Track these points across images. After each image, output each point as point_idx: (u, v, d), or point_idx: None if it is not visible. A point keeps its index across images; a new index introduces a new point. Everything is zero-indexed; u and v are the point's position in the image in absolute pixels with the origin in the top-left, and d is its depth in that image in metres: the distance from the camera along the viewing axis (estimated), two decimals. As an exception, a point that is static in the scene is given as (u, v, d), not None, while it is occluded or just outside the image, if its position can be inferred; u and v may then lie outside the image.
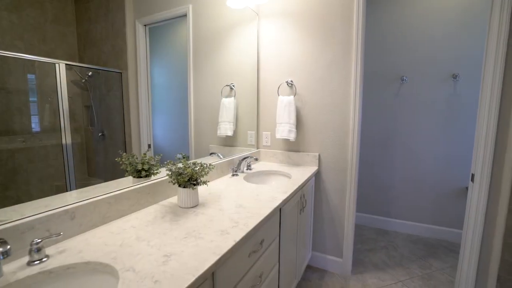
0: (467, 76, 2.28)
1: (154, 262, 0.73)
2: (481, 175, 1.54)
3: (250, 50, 2.07)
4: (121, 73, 1.12)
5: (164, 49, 1.37)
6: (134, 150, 1.18)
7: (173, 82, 1.45)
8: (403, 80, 2.50)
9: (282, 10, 2.00)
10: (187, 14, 1.52)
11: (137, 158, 1.20)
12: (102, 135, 1.06)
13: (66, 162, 0.93)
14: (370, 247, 2.39)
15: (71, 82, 0.94)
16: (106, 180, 1.07)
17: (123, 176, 1.12)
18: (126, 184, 1.10)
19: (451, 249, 2.33)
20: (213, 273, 0.77)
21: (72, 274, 0.73)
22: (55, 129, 0.90)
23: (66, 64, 0.92)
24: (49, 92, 0.88)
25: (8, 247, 0.63)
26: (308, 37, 1.93)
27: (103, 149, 1.07)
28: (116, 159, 1.10)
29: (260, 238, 1.06)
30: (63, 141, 0.92)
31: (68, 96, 0.93)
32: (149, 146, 1.27)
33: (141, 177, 1.20)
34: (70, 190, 0.94)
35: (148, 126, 1.25)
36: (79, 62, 0.97)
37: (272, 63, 2.09)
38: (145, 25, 1.22)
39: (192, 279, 0.66)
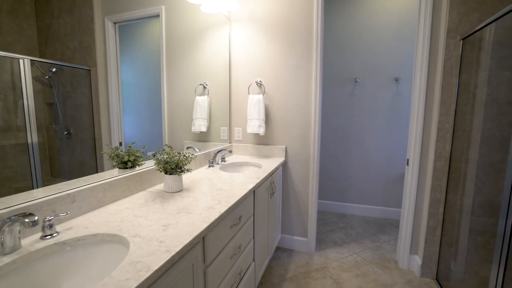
0: (406, 79, 2.71)
1: (155, 230, 0.89)
2: (413, 159, 1.92)
3: (223, 51, 2.24)
4: (89, 70, 1.10)
5: (136, 48, 1.38)
6: (104, 148, 1.18)
7: (145, 80, 1.46)
8: (356, 82, 2.88)
9: (251, 17, 2.21)
10: (160, 15, 1.56)
11: (121, 151, 1.30)
12: (68, 133, 1.03)
13: (32, 162, 0.90)
14: (331, 228, 2.72)
15: (32, 79, 0.90)
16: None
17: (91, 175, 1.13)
18: (113, 175, 1.21)
19: (396, 226, 2.76)
20: (203, 238, 0.96)
21: (83, 245, 0.86)
22: (19, 128, 0.87)
23: (30, 59, 0.89)
24: (6, 89, 0.84)
25: (36, 218, 0.75)
26: (275, 42, 2.17)
27: (69, 148, 1.04)
28: (102, 152, 1.16)
29: (239, 214, 1.26)
30: (29, 140, 0.89)
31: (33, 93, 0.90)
32: (120, 144, 1.28)
33: (126, 168, 1.32)
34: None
35: (119, 124, 1.26)
36: (40, 57, 0.92)
37: (243, 64, 2.29)
38: (115, 23, 1.21)
39: (190, 238, 0.83)
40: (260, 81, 2.24)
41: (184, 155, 1.34)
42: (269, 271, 2.00)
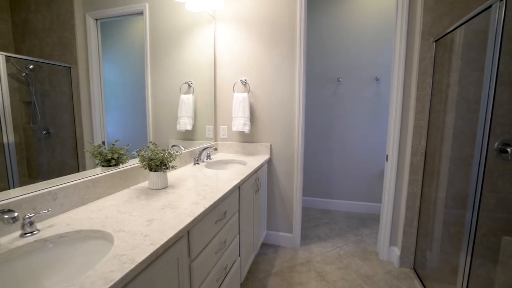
0: (386, 79, 2.82)
1: (140, 225, 0.89)
2: (392, 155, 2.01)
3: (208, 50, 2.24)
4: (70, 67, 1.07)
5: (119, 45, 1.36)
6: (86, 146, 1.16)
7: (129, 78, 1.44)
8: (339, 81, 2.96)
9: (236, 16, 2.23)
10: (144, 12, 1.54)
11: (104, 148, 1.29)
12: (47, 133, 1.00)
13: (8, 163, 0.88)
14: (316, 224, 2.79)
15: (8, 76, 0.87)
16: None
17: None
18: (97, 173, 1.19)
19: (378, 220, 2.86)
20: (188, 232, 0.97)
21: (65, 241, 0.85)
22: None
23: (6, 55, 0.85)
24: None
25: (16, 214, 0.74)
26: (259, 41, 2.20)
27: (48, 148, 1.00)
28: (84, 150, 1.14)
29: (224, 209, 1.28)
30: (4, 140, 0.86)
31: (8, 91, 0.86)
32: (103, 143, 1.26)
33: (110, 166, 1.31)
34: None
35: (101, 123, 1.23)
36: (16, 53, 0.89)
37: (228, 63, 2.30)
38: (96, 19, 1.19)
39: (174, 232, 0.85)
40: (245, 80, 2.26)
41: (169, 152, 1.35)
42: (255, 267, 2.03)
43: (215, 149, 2.10)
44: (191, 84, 2.08)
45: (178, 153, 1.38)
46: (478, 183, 1.26)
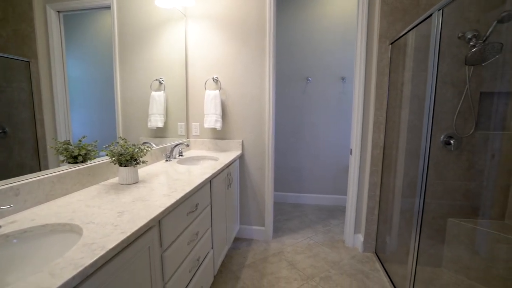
0: (351, 78, 3.00)
1: (110, 217, 0.90)
2: (355, 149, 2.16)
3: (179, 47, 2.24)
4: (28, 62, 1.01)
5: (85, 40, 1.31)
6: (50, 143, 1.11)
7: (96, 75, 1.40)
8: (308, 80, 3.10)
9: (207, 14, 2.25)
10: (111, 7, 1.50)
11: (71, 145, 1.26)
12: (3, 132, 0.95)
13: None
14: (287, 217, 2.90)
15: None
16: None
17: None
18: (62, 169, 1.17)
19: (345, 211, 3.03)
20: (160, 222, 1.00)
21: (30, 236, 0.84)
22: None
23: None
24: None
25: None
26: (230, 40, 2.24)
27: (4, 149, 0.95)
28: (49, 146, 1.10)
29: (195, 202, 1.32)
30: None
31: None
32: (68, 142, 1.22)
33: (77, 163, 1.28)
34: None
35: (66, 122, 1.19)
36: None
37: (199, 61, 2.32)
38: (58, 12, 1.13)
39: (145, 221, 0.87)
40: (217, 77, 2.30)
41: (139, 147, 1.35)
42: (229, 260, 2.08)
43: (187, 146, 2.12)
44: (162, 81, 2.07)
45: (149, 148, 1.38)
46: (424, 172, 1.42)
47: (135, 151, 1.30)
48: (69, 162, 1.24)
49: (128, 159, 1.27)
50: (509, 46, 1.68)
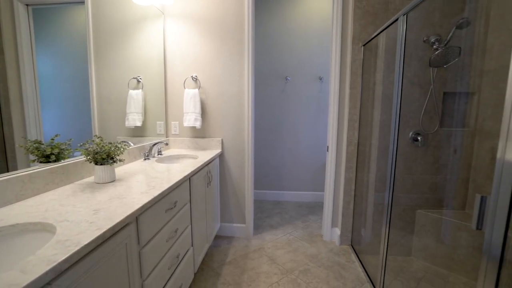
0: (328, 78, 3.11)
1: (85, 215, 0.90)
2: (331, 146, 2.25)
3: (157, 45, 2.22)
4: None
5: (57, 36, 1.26)
6: (17, 148, 1.06)
7: (70, 72, 1.36)
8: (287, 80, 3.17)
9: (185, 12, 2.25)
10: (85, 1, 1.46)
11: (43, 143, 1.22)
12: None
13: None
14: (268, 214, 2.95)
15: None
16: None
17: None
18: (33, 168, 1.14)
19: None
20: (137, 219, 1.00)
21: (-1, 236, 0.82)
22: None
23: None
24: None
25: None
26: (209, 39, 2.25)
27: None
28: (18, 145, 1.06)
29: (174, 199, 1.33)
30: None
31: None
32: (40, 142, 1.17)
33: (49, 162, 1.25)
34: None
35: (36, 121, 1.14)
36: None
37: (178, 59, 2.31)
38: (27, 5, 1.08)
39: (121, 218, 0.88)
40: (196, 76, 2.30)
41: (116, 145, 1.34)
42: (210, 258, 2.09)
43: (166, 144, 2.10)
44: (140, 80, 2.04)
45: (126, 146, 1.37)
46: (392, 167, 1.51)
47: (112, 149, 1.29)
48: (41, 162, 1.21)
49: (104, 157, 1.25)
50: (467, 50, 1.83)
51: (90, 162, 1.26)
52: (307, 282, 1.80)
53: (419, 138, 2.03)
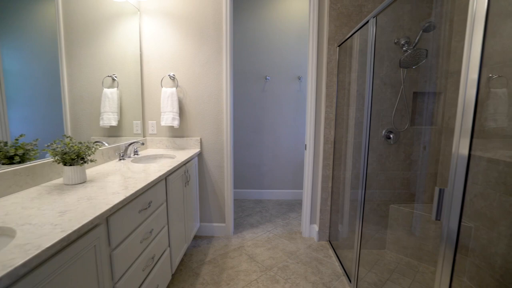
0: (306, 78, 3.16)
1: (50, 217, 0.86)
2: (309, 144, 2.29)
3: (133, 43, 2.16)
4: None
5: (24, 31, 1.21)
6: None
7: (39, 69, 1.30)
8: (266, 79, 3.19)
9: (162, 10, 2.21)
10: None
11: (6, 144, 1.16)
12: None
13: None
14: (248, 213, 2.96)
15: None
16: None
17: None
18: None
19: (303, 204, 3.20)
20: (107, 220, 0.98)
21: (-47, 242, 0.77)
22: None
23: None
24: None
25: None
26: (186, 37, 2.23)
27: None
28: None
29: (148, 199, 1.30)
30: None
31: None
32: (5, 144, 1.12)
33: (13, 163, 1.19)
34: None
35: (2, 120, 1.10)
36: None
37: (155, 58, 2.27)
38: None
39: (89, 218, 0.85)
40: (173, 75, 2.26)
41: (87, 145, 1.29)
42: (189, 258, 2.07)
43: (142, 144, 2.06)
44: (115, 78, 1.99)
45: (98, 146, 1.33)
46: (365, 164, 1.57)
47: (82, 149, 1.24)
48: (3, 163, 1.15)
49: (74, 157, 1.21)
50: (434, 52, 1.93)
51: (59, 163, 1.21)
52: (285, 278, 1.83)
53: (391, 135, 2.11)
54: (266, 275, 1.87)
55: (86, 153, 1.26)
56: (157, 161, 2.08)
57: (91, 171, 1.50)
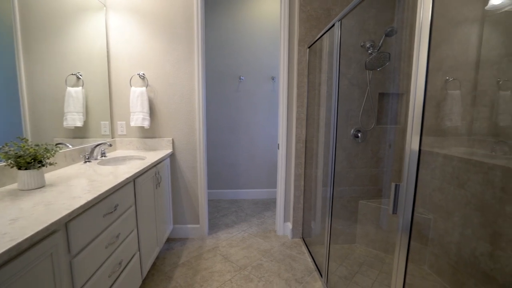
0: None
1: (-1, 225, 0.81)
2: (282, 144, 2.33)
3: (100, 40, 2.07)
4: None
5: None
6: None
7: None
8: (240, 79, 3.20)
9: (130, 6, 2.13)
10: None
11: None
12: None
13: None
14: (224, 213, 2.95)
15: None
16: None
17: None
18: None
19: (279, 203, 3.25)
20: (66, 226, 0.93)
21: None
22: None
23: None
24: None
25: None
26: (157, 35, 2.17)
27: None
28: None
29: (114, 202, 1.26)
30: None
31: None
32: None
33: (-40, 168, 1.10)
34: None
35: None
36: None
37: (123, 56, 2.19)
38: None
39: (45, 225, 0.81)
40: (143, 74, 2.20)
41: (46, 148, 1.22)
42: (161, 261, 2.02)
43: (110, 145, 1.98)
44: (80, 76, 1.89)
45: (59, 148, 1.26)
46: (332, 162, 1.63)
47: (39, 152, 1.17)
48: None
49: (30, 161, 1.13)
50: (397, 55, 2.04)
51: (12, 167, 1.13)
52: (259, 277, 1.85)
53: (359, 134, 2.21)
54: (240, 274, 1.88)
55: (45, 156, 1.19)
56: (126, 163, 2.01)
57: (51, 175, 1.42)
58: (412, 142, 0.86)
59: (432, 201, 1.86)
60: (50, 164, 1.23)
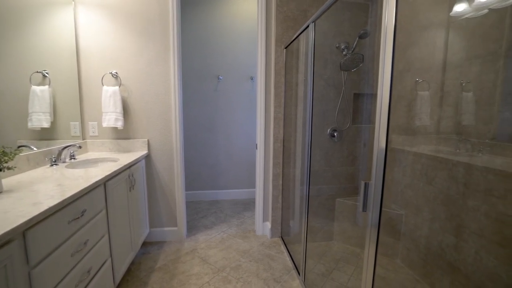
0: (259, 79, 3.21)
1: None
2: (260, 143, 2.33)
3: (68, 37, 1.96)
4: None
5: None
6: None
7: None
8: (219, 79, 3.17)
9: (101, 2, 2.04)
10: None
11: None
12: None
13: None
14: (203, 215, 2.91)
15: None
16: None
17: None
18: None
19: (259, 203, 3.25)
20: (24, 234, 0.87)
21: None
22: None
23: None
24: None
25: None
26: (130, 33, 2.09)
27: None
28: None
29: (81, 208, 1.20)
30: None
31: None
32: None
33: None
34: None
35: None
36: None
37: (94, 54, 2.09)
38: None
39: (-2, 235, 0.75)
40: (116, 73, 2.11)
41: (3, 151, 1.14)
42: (137, 267, 1.96)
43: (80, 147, 1.88)
44: (46, 74, 1.79)
45: (20, 151, 1.18)
46: (308, 161, 1.65)
47: (-5, 155, 1.09)
48: None
49: (-16, 165, 1.05)
50: (370, 57, 2.11)
51: (-36, 172, 1.04)
52: (237, 278, 1.84)
53: (335, 134, 2.26)
54: (219, 276, 1.86)
55: (2, 160, 1.11)
56: (98, 165, 1.92)
57: (10, 180, 1.33)
58: (380, 141, 0.88)
59: (403, 197, 1.93)
60: (9, 168, 1.15)
